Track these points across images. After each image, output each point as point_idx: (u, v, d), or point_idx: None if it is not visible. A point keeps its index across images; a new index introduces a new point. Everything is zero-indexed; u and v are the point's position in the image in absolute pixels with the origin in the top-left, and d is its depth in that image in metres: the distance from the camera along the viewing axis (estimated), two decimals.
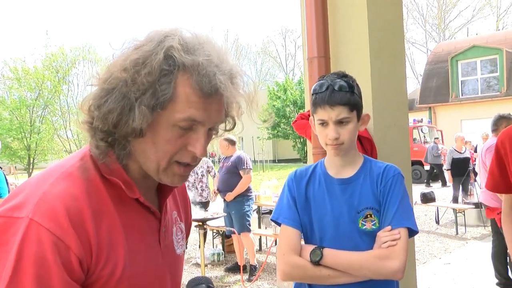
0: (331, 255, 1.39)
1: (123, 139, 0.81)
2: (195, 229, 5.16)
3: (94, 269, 0.77)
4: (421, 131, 15.81)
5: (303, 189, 1.51)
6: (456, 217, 7.39)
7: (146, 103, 0.76)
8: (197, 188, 6.15)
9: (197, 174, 6.14)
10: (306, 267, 1.41)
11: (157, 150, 0.81)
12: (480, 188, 4.24)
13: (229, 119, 0.90)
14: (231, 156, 5.32)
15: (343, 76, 1.45)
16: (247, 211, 5.33)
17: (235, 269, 5.47)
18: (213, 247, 6.55)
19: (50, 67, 19.56)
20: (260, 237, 6.57)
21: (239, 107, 0.89)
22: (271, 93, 27.65)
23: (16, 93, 18.86)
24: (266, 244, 6.80)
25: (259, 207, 6.96)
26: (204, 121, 0.81)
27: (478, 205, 7.48)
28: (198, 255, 5.53)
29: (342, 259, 1.39)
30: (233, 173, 5.24)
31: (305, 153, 26.00)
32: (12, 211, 0.73)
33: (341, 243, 1.42)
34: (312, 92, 1.46)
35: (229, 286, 5.10)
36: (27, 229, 0.70)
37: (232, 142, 5.37)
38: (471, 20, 36.57)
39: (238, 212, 5.25)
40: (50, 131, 19.25)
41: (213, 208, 6.23)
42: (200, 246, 5.10)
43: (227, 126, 0.91)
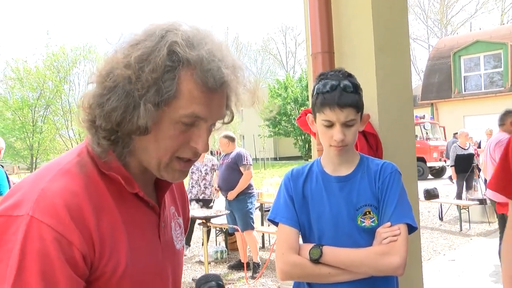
0: (331, 252, 1.39)
1: (126, 137, 0.80)
2: (198, 226, 5.15)
3: (97, 265, 0.76)
4: (424, 127, 15.76)
5: (300, 187, 1.50)
6: (460, 213, 7.36)
7: (151, 100, 0.75)
8: (200, 185, 6.16)
9: (200, 172, 6.14)
10: (305, 265, 1.40)
11: (159, 146, 0.80)
12: (485, 184, 4.22)
13: (228, 112, 0.90)
14: (231, 153, 5.31)
15: (348, 75, 1.43)
16: (250, 209, 5.32)
17: (238, 266, 5.47)
18: (216, 244, 6.55)
19: (51, 67, 19.62)
20: (263, 234, 6.56)
21: (238, 99, 0.88)
22: (271, 91, 27.64)
23: (18, 93, 18.92)
24: (269, 241, 6.79)
25: (261, 205, 6.96)
26: (206, 117, 0.80)
27: (482, 201, 7.45)
28: (201, 253, 5.52)
29: (342, 256, 1.38)
30: (233, 170, 5.23)
31: (306, 150, 26.02)
32: (11, 210, 0.72)
33: (341, 241, 1.41)
34: (316, 91, 1.43)
35: (233, 283, 5.09)
36: (28, 226, 0.69)
37: (231, 139, 5.37)
38: (474, 15, 36.38)
39: (240, 210, 5.25)
40: (52, 130, 19.33)
41: (216, 205, 6.23)
42: (203, 244, 5.11)
43: (225, 119, 0.91)
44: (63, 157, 0.84)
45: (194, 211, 4.88)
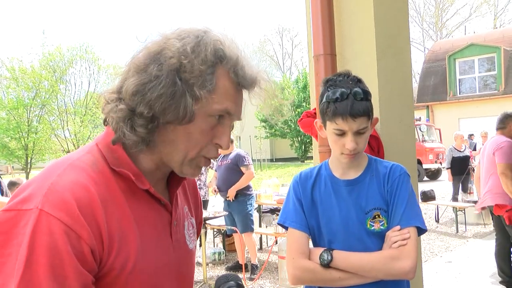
0: (341, 257, 1.38)
1: (163, 126, 0.81)
2: None
3: (106, 260, 0.76)
4: (419, 129, 15.83)
5: (309, 191, 1.49)
6: (456, 215, 7.40)
7: (198, 90, 0.79)
8: None
9: None
10: (316, 270, 1.39)
11: (189, 140, 0.83)
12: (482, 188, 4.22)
13: None
14: (230, 154, 5.28)
15: (358, 81, 1.40)
16: (249, 210, 5.30)
17: (236, 268, 5.46)
18: (214, 246, 6.54)
19: (47, 67, 19.50)
20: (260, 236, 6.56)
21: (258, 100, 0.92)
22: None
23: (13, 92, 18.78)
24: (266, 243, 6.80)
25: (259, 206, 6.96)
26: (235, 114, 0.86)
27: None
28: (199, 254, 5.52)
29: (352, 260, 1.37)
30: (232, 171, 5.21)
31: (303, 152, 26.03)
32: (21, 204, 0.72)
33: (351, 245, 1.40)
34: (326, 98, 1.39)
35: None
36: (37, 220, 0.69)
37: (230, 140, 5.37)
38: (468, 18, 36.68)
39: (240, 212, 5.22)
40: (47, 130, 19.20)
41: (216, 205, 6.22)
42: (201, 245, 5.11)
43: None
44: (73, 153, 0.85)
45: None
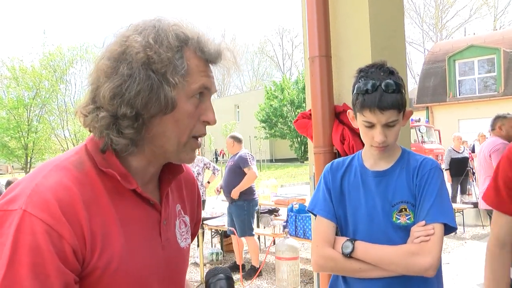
0: (362, 248, 1.37)
1: (149, 121, 0.82)
2: None
3: (90, 259, 0.77)
4: (419, 130, 15.85)
5: (339, 181, 1.49)
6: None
7: (172, 77, 0.81)
8: None
9: (192, 172, 6.11)
10: (337, 259, 1.39)
11: (179, 126, 0.84)
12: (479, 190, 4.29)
13: None
14: (236, 155, 5.26)
15: (390, 73, 1.37)
16: (248, 215, 5.21)
17: (233, 268, 5.47)
18: (212, 246, 6.55)
19: (47, 67, 19.49)
20: (258, 236, 6.56)
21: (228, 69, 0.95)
22: (268, 93, 27.66)
23: (13, 92, 18.77)
24: (264, 243, 6.80)
25: (258, 206, 6.96)
26: (211, 87, 0.88)
27: (476, 205, 7.49)
28: (196, 255, 5.52)
29: (372, 252, 1.36)
30: (235, 173, 5.18)
31: (302, 152, 26.04)
32: (6, 205, 0.74)
33: (375, 237, 1.39)
34: (356, 90, 1.38)
35: None
36: (20, 220, 0.71)
37: (237, 139, 5.30)
38: (468, 19, 36.78)
39: (238, 216, 5.19)
40: (47, 130, 19.19)
41: (216, 207, 6.23)
42: (199, 245, 5.11)
43: None
44: (61, 155, 0.87)
45: None
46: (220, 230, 6.09)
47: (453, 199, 8.62)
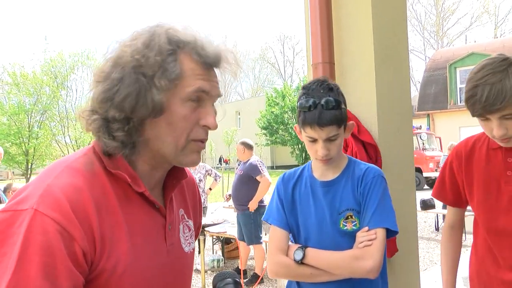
0: (312, 254, 1.45)
1: (139, 124, 0.83)
2: None
3: (98, 262, 0.76)
4: (420, 138, 15.85)
5: (290, 191, 1.57)
6: None
7: (163, 79, 0.81)
8: None
9: (194, 178, 6.10)
10: (290, 266, 1.47)
11: (174, 130, 0.84)
12: None
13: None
14: (246, 162, 5.20)
15: (329, 89, 1.44)
16: (254, 224, 5.17)
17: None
18: (213, 253, 6.52)
19: (48, 73, 19.57)
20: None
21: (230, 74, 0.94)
22: (269, 100, 27.70)
23: (14, 98, 18.83)
24: (265, 250, 6.77)
25: None
26: (210, 91, 0.86)
27: None
28: (198, 261, 5.50)
29: (321, 258, 1.44)
30: (242, 183, 5.13)
31: (303, 159, 26.01)
32: (17, 205, 0.74)
33: (324, 243, 1.47)
34: (299, 107, 1.45)
35: None
36: (32, 219, 0.71)
37: (248, 146, 5.25)
38: (469, 27, 36.89)
39: (245, 225, 5.17)
40: (48, 136, 19.21)
41: (222, 215, 6.21)
42: (200, 252, 5.09)
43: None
44: (70, 156, 0.86)
45: None
46: (221, 236, 6.07)
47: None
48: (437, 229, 8.16)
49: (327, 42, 2.32)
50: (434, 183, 9.49)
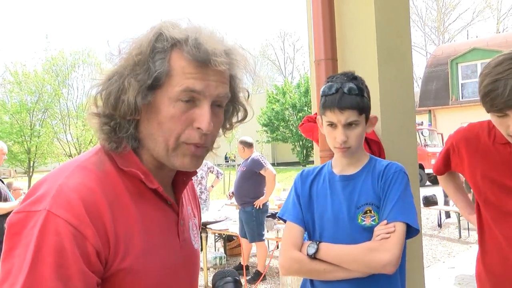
0: (326, 248, 1.41)
1: (123, 121, 0.82)
2: None
3: (112, 261, 0.76)
4: (422, 134, 15.80)
5: (308, 187, 1.55)
6: (459, 220, 7.36)
7: (138, 78, 0.79)
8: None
9: (196, 176, 6.11)
10: (303, 261, 1.42)
11: (163, 129, 0.82)
12: None
13: (240, 107, 0.93)
14: (247, 159, 5.24)
15: (353, 78, 1.45)
16: (256, 221, 5.19)
17: (237, 270, 5.45)
18: (215, 250, 6.52)
19: (50, 71, 19.55)
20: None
21: (247, 92, 0.92)
22: (270, 97, 27.66)
23: (16, 97, 18.82)
24: (268, 247, 6.77)
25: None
26: (203, 90, 0.81)
27: None
28: (200, 259, 5.51)
29: (335, 252, 1.39)
30: (246, 178, 5.17)
31: (304, 156, 25.98)
32: (30, 206, 0.74)
33: (340, 239, 1.43)
34: (321, 93, 1.47)
35: None
36: (45, 221, 0.71)
37: (247, 144, 5.29)
38: (471, 22, 36.69)
39: (248, 224, 5.19)
40: (50, 134, 19.21)
41: (225, 212, 6.21)
42: (202, 249, 5.10)
43: (239, 116, 0.94)
44: (82, 155, 0.87)
45: None
46: (223, 234, 6.07)
47: (446, 202, 8.54)
48: (439, 225, 8.15)
49: (330, 38, 2.31)
50: (435, 180, 9.38)
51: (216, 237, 6.62)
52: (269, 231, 6.58)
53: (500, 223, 1.57)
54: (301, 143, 25.90)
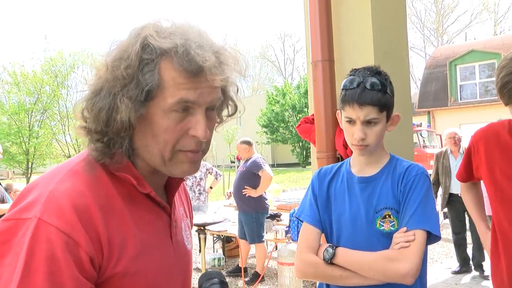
0: (343, 254, 1.34)
1: (117, 137, 0.80)
2: (195, 233, 5.14)
3: (106, 266, 0.76)
4: (421, 135, 15.81)
5: (325, 187, 1.48)
6: None
7: (129, 95, 0.76)
8: (194, 191, 6.11)
9: (195, 177, 6.10)
10: (319, 265, 1.37)
11: (158, 141, 0.80)
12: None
13: (230, 102, 0.91)
14: (249, 159, 5.26)
15: (377, 73, 1.36)
16: (256, 223, 5.18)
17: (236, 271, 5.44)
18: (214, 251, 6.52)
19: (49, 72, 19.53)
20: None
21: (236, 86, 0.89)
22: (270, 98, 27.68)
23: (14, 97, 18.81)
24: (267, 248, 6.76)
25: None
26: (197, 100, 0.79)
27: None
28: (198, 260, 5.50)
29: (353, 258, 1.33)
30: (245, 179, 5.17)
31: (304, 157, 26.01)
32: (20, 213, 0.72)
33: (358, 243, 1.36)
34: (342, 87, 1.38)
35: None
36: (36, 229, 0.70)
37: (250, 143, 5.34)
38: (469, 25, 36.83)
39: (247, 225, 5.19)
40: (48, 135, 19.19)
41: (223, 213, 6.20)
42: (200, 250, 5.09)
43: (229, 110, 0.92)
44: (73, 159, 0.85)
45: None
46: (222, 235, 6.07)
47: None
48: None
49: (327, 40, 2.32)
50: (435, 181, 9.36)
51: (214, 238, 6.61)
52: (267, 232, 6.60)
53: None
54: (300, 144, 25.92)
